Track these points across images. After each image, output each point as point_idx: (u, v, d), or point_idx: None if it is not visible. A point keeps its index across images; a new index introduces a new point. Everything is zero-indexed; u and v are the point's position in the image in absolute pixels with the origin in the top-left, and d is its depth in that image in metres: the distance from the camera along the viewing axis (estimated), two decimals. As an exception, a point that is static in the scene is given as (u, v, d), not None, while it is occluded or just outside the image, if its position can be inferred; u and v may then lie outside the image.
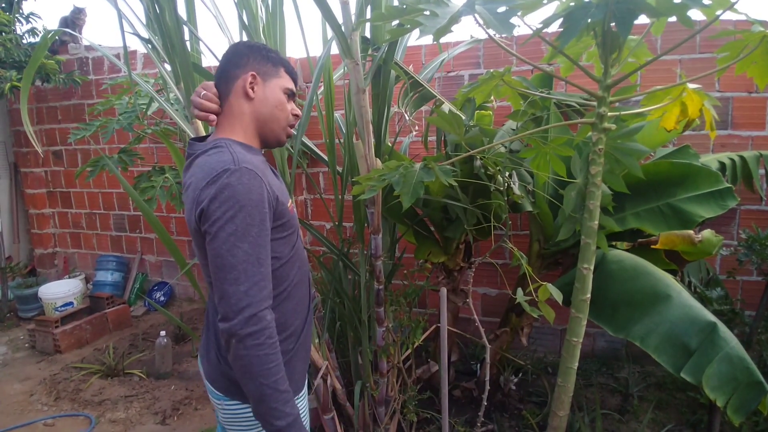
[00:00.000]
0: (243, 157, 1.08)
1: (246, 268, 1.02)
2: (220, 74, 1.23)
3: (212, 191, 1.03)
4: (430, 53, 3.21)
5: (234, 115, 1.20)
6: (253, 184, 1.05)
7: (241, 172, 1.04)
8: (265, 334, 1.03)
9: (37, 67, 1.91)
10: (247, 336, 1.01)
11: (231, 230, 1.02)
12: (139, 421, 2.75)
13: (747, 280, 2.82)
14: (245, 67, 1.20)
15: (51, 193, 4.86)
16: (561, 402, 1.64)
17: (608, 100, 1.35)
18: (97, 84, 4.33)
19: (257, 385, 1.03)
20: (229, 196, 1.02)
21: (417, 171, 1.52)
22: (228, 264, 1.02)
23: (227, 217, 1.02)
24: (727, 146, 2.76)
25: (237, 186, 1.03)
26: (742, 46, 1.40)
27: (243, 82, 1.19)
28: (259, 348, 1.02)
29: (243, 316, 1.01)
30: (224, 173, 1.04)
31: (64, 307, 4.01)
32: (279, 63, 1.24)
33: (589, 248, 1.47)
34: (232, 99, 1.20)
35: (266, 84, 1.21)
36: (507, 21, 1.02)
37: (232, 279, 1.02)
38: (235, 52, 1.22)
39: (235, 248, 1.02)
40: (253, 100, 1.20)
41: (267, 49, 1.24)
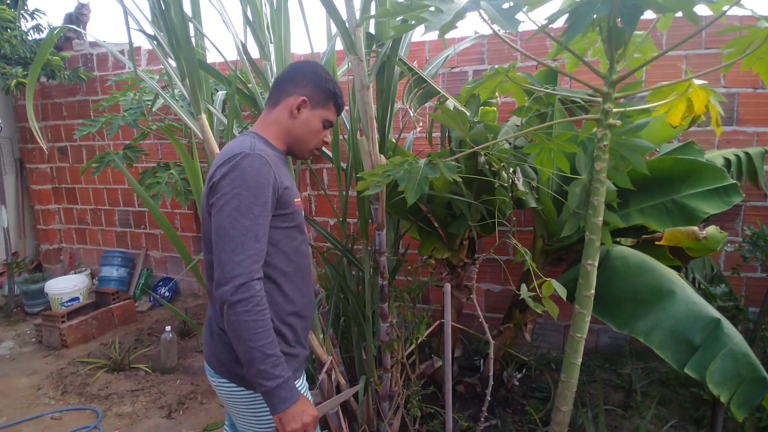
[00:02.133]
0: (260, 146, 1.21)
1: (243, 242, 1.12)
2: (278, 82, 1.35)
3: (225, 169, 1.15)
4: (434, 49, 3.21)
5: (273, 120, 1.33)
6: (262, 169, 1.16)
7: (253, 156, 1.16)
8: (253, 301, 1.11)
9: (42, 64, 1.92)
10: (236, 302, 1.10)
11: (235, 205, 1.12)
12: (146, 415, 2.77)
13: (751, 276, 2.81)
14: (301, 89, 1.31)
15: (56, 189, 4.89)
16: (564, 397, 1.64)
17: (613, 96, 1.35)
18: (102, 80, 4.34)
19: (246, 348, 1.11)
20: (238, 175, 1.14)
21: (421, 167, 1.52)
22: (228, 235, 1.12)
23: (234, 194, 1.13)
24: (732, 142, 2.75)
25: (247, 168, 1.14)
26: (748, 42, 1.39)
27: (293, 101, 1.31)
28: (248, 314, 1.10)
29: (234, 284, 1.10)
30: (239, 155, 1.16)
31: (70, 303, 4.04)
32: (331, 97, 1.35)
33: (593, 244, 1.48)
34: (278, 109, 1.33)
35: (312, 111, 1.33)
36: (512, 17, 1.02)
37: (230, 249, 1.11)
38: (300, 70, 1.34)
39: (236, 222, 1.12)
40: (296, 119, 1.32)
41: (327, 80, 1.34)
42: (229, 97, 1.96)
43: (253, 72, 2.00)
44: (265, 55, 1.97)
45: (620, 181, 1.49)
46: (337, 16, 1.60)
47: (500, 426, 2.42)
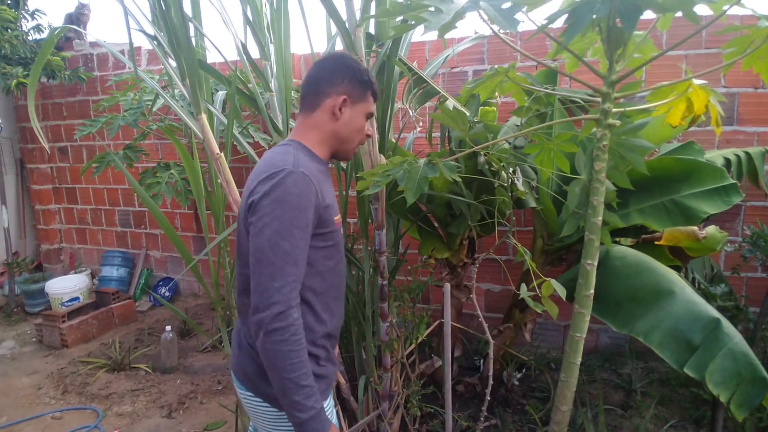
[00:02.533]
0: (303, 161, 1.15)
1: (283, 267, 1.07)
2: (311, 84, 1.26)
3: (267, 187, 1.09)
4: (434, 49, 3.21)
5: (315, 125, 1.26)
6: (305, 189, 1.10)
7: (297, 175, 1.10)
8: (290, 330, 1.07)
9: (43, 64, 1.93)
10: (273, 331, 1.06)
11: (276, 228, 1.07)
12: (146, 415, 2.77)
13: (752, 276, 2.81)
14: (339, 88, 1.24)
15: (57, 189, 4.89)
16: (564, 397, 1.64)
17: (613, 96, 1.35)
18: (102, 80, 4.35)
19: (280, 378, 1.08)
20: (280, 196, 1.08)
21: (421, 167, 1.52)
22: (267, 259, 1.07)
23: (275, 215, 1.07)
24: (732, 142, 2.75)
25: (290, 188, 1.09)
26: (748, 41, 1.39)
27: (333, 102, 1.23)
28: (284, 344, 1.06)
29: (272, 312, 1.06)
30: (281, 172, 1.10)
31: (70, 302, 4.05)
32: (368, 86, 1.28)
33: (592, 244, 1.48)
34: (318, 113, 1.25)
35: (353, 107, 1.26)
36: (511, 17, 1.02)
37: (269, 274, 1.07)
38: (333, 69, 1.25)
39: (276, 246, 1.07)
40: (338, 120, 1.25)
41: (361, 71, 1.27)
42: (229, 97, 1.97)
43: (254, 72, 2.01)
44: (265, 55, 1.98)
45: (620, 181, 1.49)
46: (337, 16, 1.60)
47: (500, 426, 2.42)
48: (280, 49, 1.88)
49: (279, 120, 1.96)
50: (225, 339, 2.20)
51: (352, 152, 1.34)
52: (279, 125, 1.95)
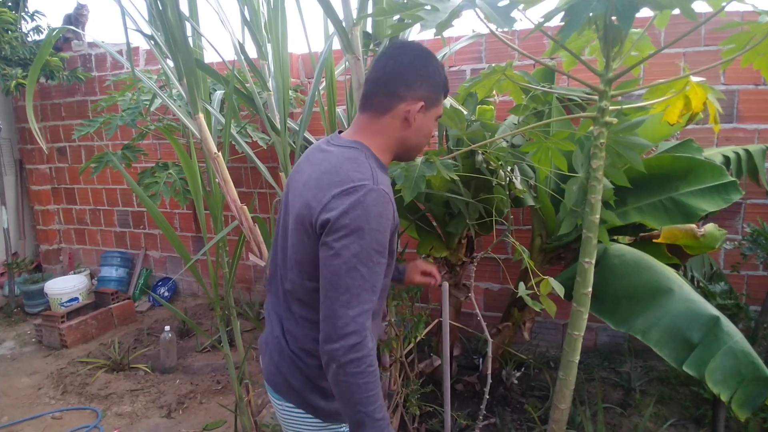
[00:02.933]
0: (380, 176, 1.06)
1: (359, 294, 1.00)
2: (384, 83, 1.12)
3: (346, 204, 0.99)
4: (432, 48, 3.19)
5: (382, 131, 1.14)
6: (385, 210, 1.02)
7: (378, 193, 1.01)
8: (366, 362, 1.00)
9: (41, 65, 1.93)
10: (348, 363, 0.99)
11: (355, 251, 0.99)
12: (145, 415, 2.77)
13: (752, 274, 2.80)
14: (417, 91, 1.11)
15: (56, 190, 4.89)
16: (563, 395, 1.64)
17: (610, 94, 1.35)
18: (101, 80, 4.34)
19: (356, 411, 1.01)
20: (361, 216, 0.99)
21: (419, 165, 1.52)
22: (344, 285, 0.99)
23: (355, 237, 0.99)
24: (732, 140, 2.74)
25: (372, 208, 1.00)
26: (748, 37, 1.37)
27: (408, 108, 1.11)
28: (360, 376, 0.99)
29: (347, 343, 0.99)
30: (362, 188, 1.00)
31: (69, 303, 4.05)
32: (445, 88, 1.18)
33: (590, 242, 1.48)
34: (387, 117, 1.13)
35: (427, 113, 1.15)
36: (508, 15, 1.02)
37: (344, 301, 0.99)
38: (412, 68, 1.11)
39: (354, 271, 0.99)
40: (410, 128, 1.14)
41: (440, 71, 1.15)
42: (227, 96, 1.96)
43: (251, 71, 2.00)
44: (262, 54, 1.97)
45: (617, 179, 1.49)
46: (334, 15, 1.60)
47: (499, 424, 2.42)
48: (277, 49, 1.88)
49: (277, 119, 1.96)
50: (224, 339, 2.20)
51: (415, 156, 1.24)
52: (277, 125, 1.95)
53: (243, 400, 2.21)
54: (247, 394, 2.24)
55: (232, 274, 2.13)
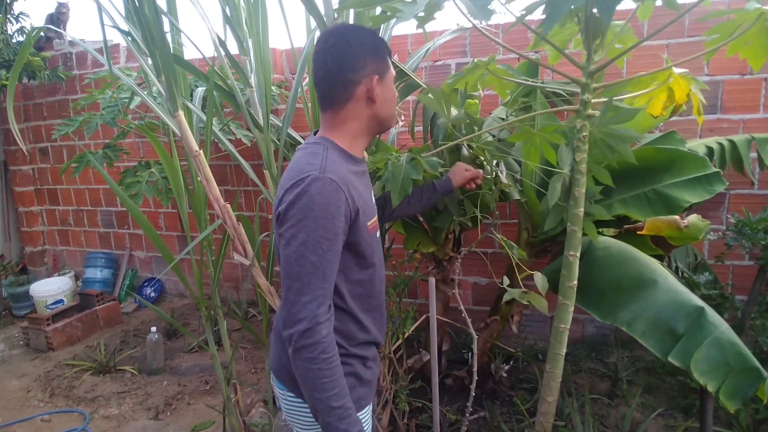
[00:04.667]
0: (332, 165, 1.06)
1: (310, 281, 1.02)
2: (332, 78, 1.12)
3: (292, 196, 1.03)
4: (416, 42, 3.19)
5: (350, 118, 1.15)
6: (333, 197, 1.02)
7: (323, 181, 1.02)
8: (318, 348, 1.01)
9: (23, 65, 1.89)
10: (300, 348, 1.01)
11: (302, 240, 1.01)
12: (132, 417, 2.74)
13: (738, 264, 2.82)
14: (364, 70, 1.11)
15: (39, 191, 4.82)
16: (550, 388, 1.65)
17: (592, 87, 1.34)
18: (81, 79, 4.27)
19: (311, 398, 1.04)
20: (306, 205, 1.01)
21: (404, 165, 1.50)
22: (295, 273, 1.02)
23: (301, 226, 1.01)
24: (716, 130, 2.76)
25: (316, 196, 1.01)
26: (734, 26, 1.35)
27: (365, 87, 1.12)
28: (312, 362, 1.01)
29: (299, 328, 1.01)
30: (307, 179, 1.03)
31: (54, 305, 3.99)
32: (385, 49, 1.16)
33: (575, 235, 1.48)
34: (350, 105, 1.14)
35: (383, 82, 1.15)
36: (485, 7, 1.01)
37: (297, 289, 1.02)
38: (347, 53, 1.11)
39: (303, 259, 1.01)
40: (376, 102, 1.15)
41: (373, 38, 1.14)
42: (208, 93, 1.93)
43: (232, 68, 1.97)
44: (244, 50, 1.94)
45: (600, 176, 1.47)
46: (315, 10, 1.58)
47: (488, 418, 2.42)
48: (258, 44, 1.85)
49: (259, 116, 1.93)
50: (211, 339, 2.18)
51: (393, 122, 1.24)
52: (260, 121, 1.92)
53: (231, 400, 2.20)
54: (235, 394, 2.22)
55: (217, 273, 2.11)
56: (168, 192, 2.88)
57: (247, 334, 3.59)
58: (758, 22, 1.29)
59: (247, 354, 3.37)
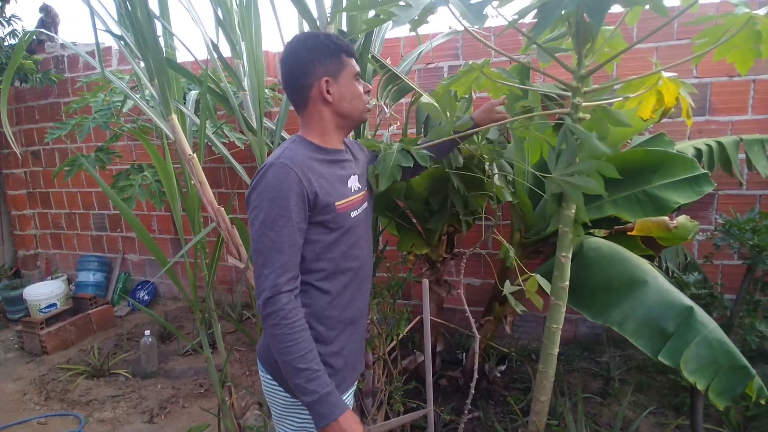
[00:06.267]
0: (290, 153, 1.17)
1: (270, 255, 1.11)
2: (289, 84, 1.25)
3: (253, 182, 1.16)
4: (409, 45, 3.20)
5: (313, 118, 1.25)
6: (285, 178, 1.12)
7: (277, 166, 1.13)
8: (280, 314, 1.10)
9: (15, 69, 1.88)
10: (266, 316, 1.11)
11: (261, 219, 1.12)
12: (127, 420, 2.73)
13: (727, 264, 2.86)
14: (314, 74, 1.21)
15: (31, 194, 4.79)
16: (543, 387, 1.67)
17: (582, 91, 1.36)
18: (73, 82, 4.26)
19: (281, 362, 1.13)
20: (263, 188, 1.13)
21: (395, 153, 1.51)
22: (257, 249, 1.13)
23: (260, 207, 1.12)
24: (704, 132, 2.79)
25: (270, 179, 1.12)
26: (722, 30, 1.36)
27: (318, 90, 1.22)
28: (276, 327, 1.10)
29: (263, 298, 1.11)
30: (264, 167, 1.15)
31: (48, 309, 3.98)
32: (339, 50, 1.23)
33: (566, 236, 1.49)
34: (310, 106, 1.24)
35: (338, 81, 1.23)
36: (480, 12, 1.02)
37: (260, 263, 1.12)
38: (296, 60, 1.21)
39: (263, 236, 1.12)
40: (333, 101, 1.23)
41: (324, 42, 1.22)
42: (201, 96, 1.94)
43: (225, 71, 1.98)
44: (236, 53, 1.95)
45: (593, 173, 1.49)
46: (308, 14, 1.59)
47: (482, 418, 2.44)
48: (251, 47, 1.86)
49: (253, 119, 1.94)
50: (205, 342, 2.18)
51: (362, 116, 1.31)
52: (253, 124, 1.93)
53: (226, 402, 2.20)
54: (230, 397, 2.22)
55: (211, 276, 2.11)
56: (161, 195, 2.88)
57: (242, 336, 3.59)
58: (746, 27, 1.31)
59: (242, 356, 3.37)
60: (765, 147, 2.44)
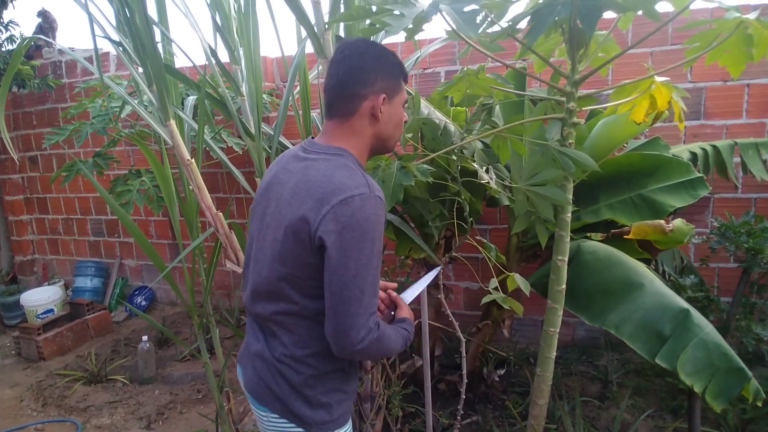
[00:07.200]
0: (371, 181, 1.08)
1: (369, 299, 1.04)
2: (341, 88, 1.13)
3: (346, 216, 1.01)
4: (406, 50, 3.22)
5: (354, 132, 1.15)
6: (382, 216, 1.05)
7: (376, 201, 1.04)
8: (376, 346, 1.08)
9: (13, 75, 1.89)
10: (362, 352, 1.08)
11: (364, 262, 1.01)
12: (125, 427, 2.73)
13: (723, 267, 2.87)
14: (374, 86, 1.12)
15: (28, 200, 4.79)
16: (540, 391, 1.67)
17: (576, 96, 1.37)
18: (71, 87, 4.26)
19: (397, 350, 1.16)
20: (363, 226, 1.01)
21: (395, 172, 1.53)
22: (356, 289, 1.02)
23: (362, 248, 1.01)
24: (699, 136, 2.81)
25: (371, 216, 1.02)
26: (714, 35, 1.38)
27: (371, 104, 1.12)
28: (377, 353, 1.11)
29: (365, 342, 1.04)
30: (359, 196, 1.02)
31: (45, 314, 3.97)
32: (401, 73, 1.18)
33: (563, 240, 1.50)
34: (355, 118, 1.13)
35: (392, 102, 1.16)
36: (473, 21, 1.04)
37: (356, 305, 1.02)
38: (361, 67, 1.11)
39: (364, 279, 1.02)
40: (380, 121, 1.15)
41: (393, 59, 1.15)
42: (200, 102, 1.95)
43: (223, 76, 1.99)
44: (234, 59, 1.96)
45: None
46: (306, 20, 1.60)
47: (481, 422, 2.44)
48: (249, 53, 1.87)
49: (251, 124, 1.95)
50: (203, 347, 2.18)
51: (394, 146, 1.25)
52: (251, 129, 1.94)
53: (224, 408, 2.20)
54: (228, 402, 2.22)
55: (209, 281, 2.11)
56: (159, 200, 2.88)
57: (240, 341, 3.58)
58: (738, 31, 1.33)
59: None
60: (759, 151, 2.45)
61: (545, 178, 1.38)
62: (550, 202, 1.39)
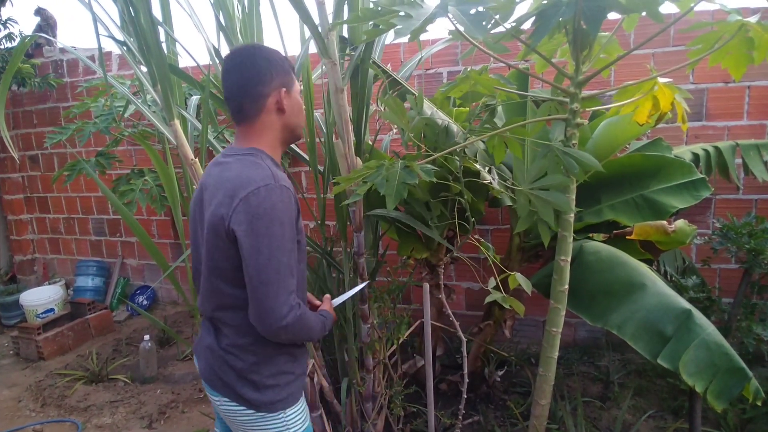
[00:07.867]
0: (277, 172, 1.16)
1: (285, 279, 1.12)
2: (242, 92, 1.21)
3: (253, 205, 1.09)
4: (409, 51, 3.23)
5: (264, 129, 1.24)
6: (289, 203, 1.13)
7: (280, 189, 1.12)
8: (297, 326, 1.17)
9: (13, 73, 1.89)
10: (281, 331, 1.16)
11: (276, 245, 1.10)
12: (126, 426, 2.73)
13: (725, 268, 2.88)
14: (272, 83, 1.21)
15: (28, 199, 4.78)
16: (542, 391, 1.68)
17: (580, 96, 1.38)
18: (73, 86, 4.26)
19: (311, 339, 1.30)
20: (270, 213, 1.09)
21: (398, 171, 1.52)
22: (272, 270, 1.10)
23: (270, 233, 1.09)
24: (701, 137, 2.82)
25: (278, 203, 1.11)
26: (716, 37, 1.40)
27: (275, 99, 1.22)
28: (295, 335, 1.20)
29: (285, 321, 1.13)
30: (264, 187, 1.10)
31: (45, 314, 3.96)
32: (290, 67, 1.28)
33: (565, 240, 1.51)
34: (263, 116, 1.22)
35: (290, 95, 1.26)
36: (480, 23, 1.04)
37: (275, 287, 1.11)
38: (254, 68, 1.21)
39: (279, 261, 1.10)
40: (285, 113, 1.24)
41: (279, 57, 1.25)
42: (203, 101, 1.95)
43: (227, 76, 1.99)
44: (238, 59, 1.96)
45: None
46: (310, 20, 1.60)
47: (483, 422, 2.45)
48: (253, 54, 1.87)
49: (254, 124, 1.95)
50: (205, 346, 2.18)
51: (301, 132, 1.35)
52: (254, 130, 1.94)
53: (226, 407, 2.19)
54: (230, 401, 2.22)
55: (212, 280, 2.11)
56: (162, 200, 2.88)
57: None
58: (739, 34, 1.33)
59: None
60: (761, 152, 2.46)
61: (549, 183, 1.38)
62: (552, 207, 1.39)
